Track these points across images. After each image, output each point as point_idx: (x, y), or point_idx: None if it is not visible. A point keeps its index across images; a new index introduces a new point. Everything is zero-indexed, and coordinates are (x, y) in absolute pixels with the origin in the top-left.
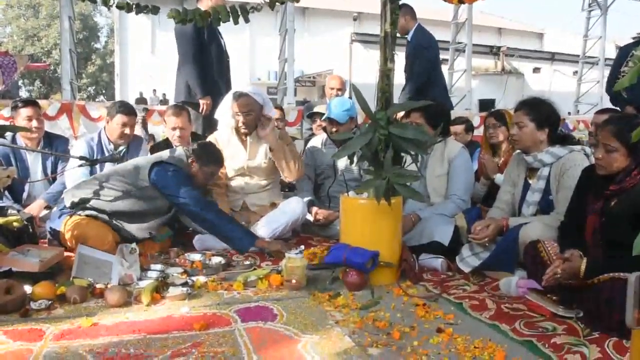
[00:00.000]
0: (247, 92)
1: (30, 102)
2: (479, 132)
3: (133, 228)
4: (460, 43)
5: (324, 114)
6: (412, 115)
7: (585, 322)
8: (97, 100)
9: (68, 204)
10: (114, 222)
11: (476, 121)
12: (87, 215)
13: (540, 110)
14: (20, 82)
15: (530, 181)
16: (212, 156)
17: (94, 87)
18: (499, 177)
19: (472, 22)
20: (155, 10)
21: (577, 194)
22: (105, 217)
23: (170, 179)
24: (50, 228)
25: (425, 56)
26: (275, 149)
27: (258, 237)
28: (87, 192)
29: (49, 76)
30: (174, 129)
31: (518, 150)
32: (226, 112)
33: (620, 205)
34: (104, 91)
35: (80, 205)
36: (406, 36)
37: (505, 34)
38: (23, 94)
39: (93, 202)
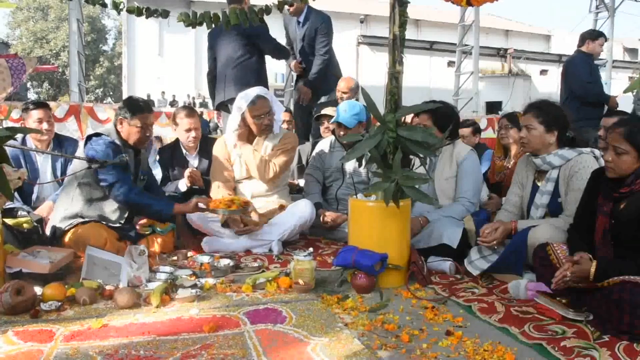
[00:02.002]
0: (262, 94)
1: (41, 104)
2: (486, 134)
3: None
4: (467, 45)
5: (331, 116)
6: (420, 117)
7: (595, 325)
8: (104, 102)
9: (49, 232)
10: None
11: (483, 123)
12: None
13: (549, 113)
14: (28, 84)
15: (538, 184)
16: (137, 104)
17: (101, 89)
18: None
19: (479, 24)
20: (165, 14)
21: (587, 196)
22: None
23: (99, 151)
24: (53, 227)
25: (324, 31)
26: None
27: (175, 203)
28: (63, 211)
29: (57, 78)
30: (189, 130)
31: (527, 153)
32: (237, 117)
33: (630, 208)
34: (111, 93)
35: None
36: (298, 18)
37: (513, 36)
38: (31, 95)
39: (73, 220)
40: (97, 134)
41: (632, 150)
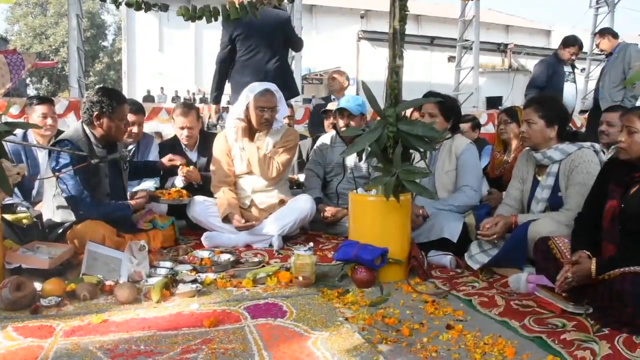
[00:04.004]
0: (272, 89)
1: (45, 100)
2: (485, 129)
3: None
4: (468, 40)
5: None
6: (426, 106)
7: (594, 318)
8: None
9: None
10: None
11: (483, 119)
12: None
13: (550, 108)
14: (27, 80)
15: (539, 178)
16: (114, 96)
17: (101, 85)
18: None
19: (480, 19)
20: (164, 7)
21: (599, 184)
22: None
23: (59, 160)
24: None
25: None
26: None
27: (130, 202)
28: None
29: (56, 74)
30: (182, 128)
31: (527, 147)
32: (240, 110)
33: None
34: None
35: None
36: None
37: (513, 31)
38: (31, 91)
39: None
40: (59, 141)
41: None
